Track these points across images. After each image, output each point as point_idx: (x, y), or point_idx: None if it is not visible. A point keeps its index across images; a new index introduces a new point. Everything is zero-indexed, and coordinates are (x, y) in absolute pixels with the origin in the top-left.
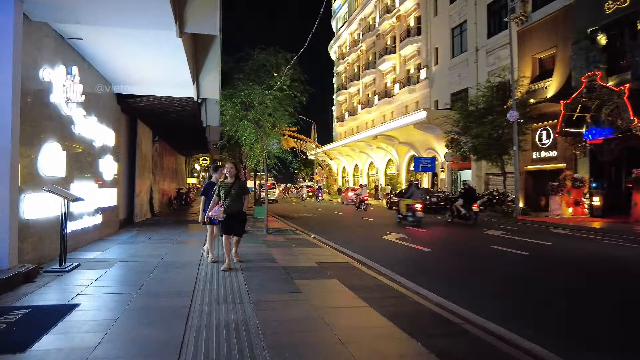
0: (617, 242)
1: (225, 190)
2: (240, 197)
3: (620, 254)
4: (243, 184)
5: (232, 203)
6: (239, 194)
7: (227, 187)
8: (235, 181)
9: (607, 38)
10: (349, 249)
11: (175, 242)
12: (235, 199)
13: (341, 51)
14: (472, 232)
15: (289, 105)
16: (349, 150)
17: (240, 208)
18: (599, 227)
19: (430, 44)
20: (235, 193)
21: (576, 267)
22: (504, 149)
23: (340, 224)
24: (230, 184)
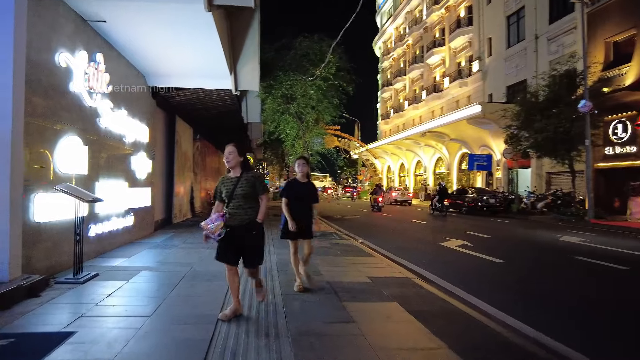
0: None
1: (227, 189)
2: (251, 199)
3: None
4: (256, 177)
5: (236, 210)
6: (249, 194)
7: (231, 184)
8: (243, 174)
9: None
10: (405, 258)
11: (211, 247)
12: (242, 202)
13: (386, 47)
14: (543, 239)
15: (334, 97)
16: (395, 148)
17: (252, 217)
18: None
19: (482, 35)
20: (242, 193)
21: None
22: (572, 145)
23: (389, 227)
24: (236, 179)
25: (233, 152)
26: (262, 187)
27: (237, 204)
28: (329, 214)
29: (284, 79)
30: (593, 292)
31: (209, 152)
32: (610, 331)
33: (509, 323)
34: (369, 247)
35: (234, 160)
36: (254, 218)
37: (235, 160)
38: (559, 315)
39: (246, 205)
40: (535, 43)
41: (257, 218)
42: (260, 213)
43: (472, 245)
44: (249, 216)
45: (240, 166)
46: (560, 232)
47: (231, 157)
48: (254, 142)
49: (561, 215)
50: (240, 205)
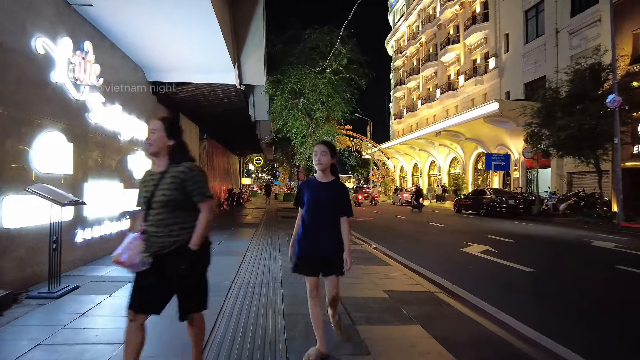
0: None
1: (147, 192)
2: (179, 209)
3: None
4: (188, 172)
5: (154, 228)
6: (176, 201)
7: (152, 184)
8: (170, 168)
9: None
10: (423, 266)
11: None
12: (165, 215)
13: (399, 45)
14: (573, 243)
15: (346, 92)
16: (408, 148)
17: (181, 240)
18: None
19: (499, 30)
20: (162, 199)
21: None
22: (598, 143)
23: (404, 230)
24: (158, 177)
25: (156, 129)
26: (198, 188)
27: (157, 218)
28: None
29: (292, 73)
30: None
31: (217, 152)
32: None
33: (560, 354)
34: (383, 254)
35: (157, 143)
36: (184, 241)
37: (159, 144)
38: (620, 344)
39: (170, 220)
40: (555, 37)
41: (190, 243)
42: (195, 234)
43: (496, 251)
44: (175, 238)
45: (168, 154)
46: (589, 236)
47: (153, 137)
48: (263, 143)
49: (587, 217)
50: (161, 219)
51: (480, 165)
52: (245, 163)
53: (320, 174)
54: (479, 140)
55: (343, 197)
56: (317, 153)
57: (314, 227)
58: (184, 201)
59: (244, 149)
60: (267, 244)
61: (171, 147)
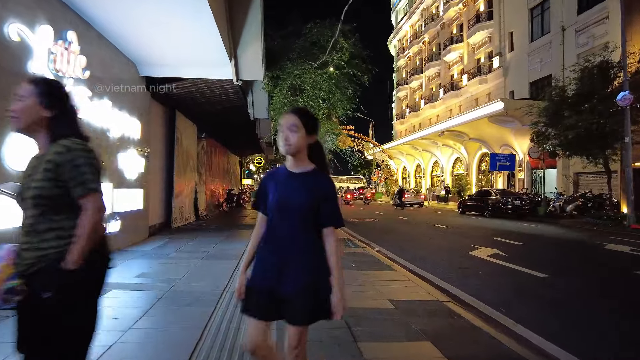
0: None
1: (23, 183)
2: (55, 209)
3: None
4: (66, 152)
5: (24, 237)
6: (50, 196)
7: (26, 173)
8: (51, 148)
9: None
10: (430, 271)
11: (206, 256)
12: (35, 218)
13: (401, 45)
14: (585, 246)
15: (348, 88)
16: (410, 149)
17: (53, 255)
18: None
19: (503, 29)
20: (32, 194)
21: None
22: (607, 142)
23: (408, 232)
24: (33, 165)
25: (25, 95)
26: (78, 177)
27: (27, 223)
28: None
29: (291, 68)
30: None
31: (217, 151)
32: None
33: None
34: (387, 257)
35: (26, 115)
36: (58, 257)
37: (29, 116)
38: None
39: (43, 225)
40: (561, 35)
41: (64, 259)
42: (73, 246)
43: (505, 254)
44: (44, 252)
45: (47, 131)
46: (600, 238)
47: (19, 107)
48: (263, 142)
49: (595, 219)
50: (31, 225)
51: (484, 165)
52: (246, 163)
53: (290, 161)
54: (483, 140)
55: (326, 198)
56: (283, 128)
57: (273, 245)
58: (60, 197)
59: (244, 149)
60: None
61: (50, 121)
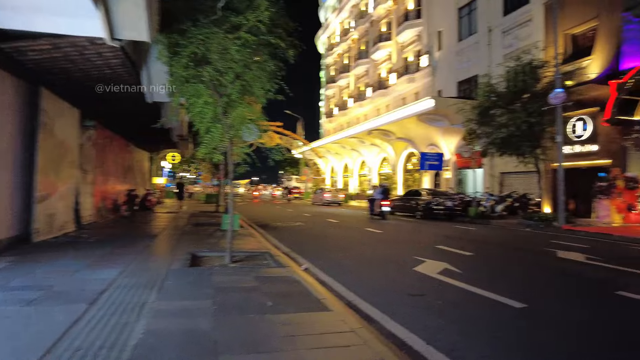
0: None
1: None
2: None
3: None
4: None
5: None
6: None
7: None
8: None
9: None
10: (378, 304)
11: (40, 297)
12: None
13: (330, 42)
14: (539, 257)
15: (268, 62)
16: (339, 147)
17: None
18: None
19: (432, 28)
20: None
21: None
22: (537, 142)
23: (340, 238)
24: None
25: None
26: None
27: None
28: (265, 220)
29: (194, 32)
30: None
31: (113, 144)
32: None
33: None
34: (318, 281)
35: None
36: None
37: None
38: None
39: None
40: (488, 36)
41: None
42: None
43: (458, 270)
44: None
45: None
46: (544, 243)
47: None
48: (174, 134)
49: (528, 220)
50: None
51: (410, 165)
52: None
53: None
54: (410, 139)
55: None
56: None
57: None
58: None
59: (155, 143)
60: (147, 273)
61: None
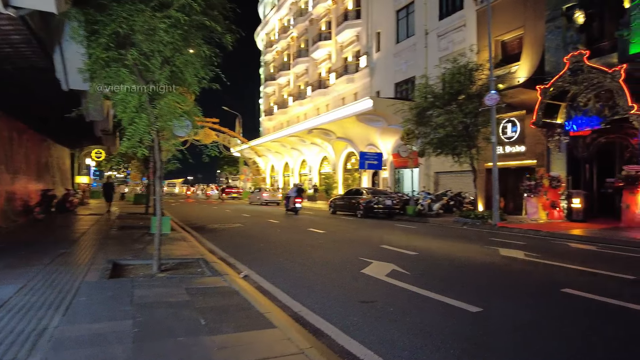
0: None
1: None
2: None
3: None
4: None
5: None
6: None
7: None
8: None
9: (585, 16)
10: (326, 314)
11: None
12: None
13: (269, 39)
14: (481, 255)
15: (202, 47)
16: (279, 146)
17: None
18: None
19: (371, 29)
20: None
21: None
22: (473, 142)
23: (281, 239)
24: None
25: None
26: None
27: None
28: (201, 222)
29: (115, 8)
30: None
31: (23, 139)
32: None
33: None
34: (259, 291)
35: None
36: None
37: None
38: None
39: None
40: (425, 39)
41: None
42: None
43: (405, 271)
44: None
45: None
46: (484, 241)
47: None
48: (97, 128)
49: (464, 218)
50: None
51: (350, 164)
52: (81, 157)
53: None
54: (349, 139)
55: None
56: None
57: None
58: None
59: (77, 139)
60: (54, 289)
61: None
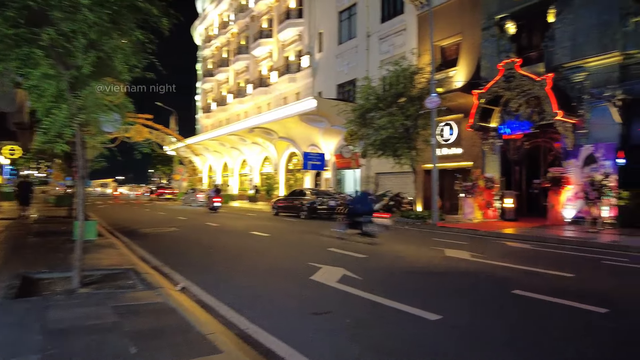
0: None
1: None
2: None
3: None
4: None
5: None
6: None
7: None
8: None
9: (516, 27)
10: (277, 330)
11: None
12: None
13: (207, 34)
14: (426, 256)
15: (134, 30)
16: (218, 145)
17: None
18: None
19: (313, 28)
20: None
21: None
22: (412, 144)
23: (222, 246)
24: None
25: None
26: None
27: None
28: (132, 226)
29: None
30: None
31: None
32: None
33: None
34: (200, 305)
35: None
36: None
37: None
38: None
39: None
40: (367, 41)
41: None
42: None
43: (357, 276)
44: None
45: None
46: (428, 241)
47: None
48: (9, 121)
49: (405, 218)
50: None
51: (292, 165)
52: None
53: None
54: (292, 139)
55: None
56: None
57: None
58: None
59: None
60: None
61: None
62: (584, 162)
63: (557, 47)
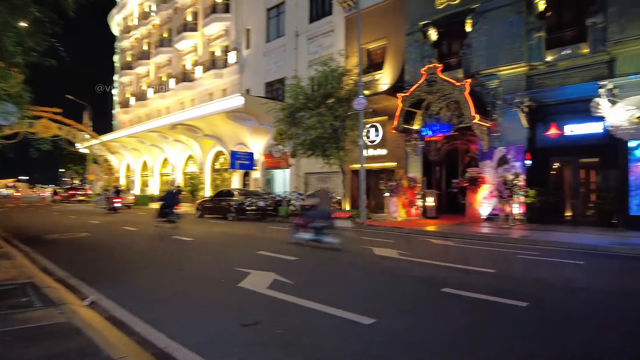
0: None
1: None
2: None
3: None
4: None
5: None
6: None
7: None
8: None
9: (437, 34)
10: (193, 341)
11: None
12: None
13: (126, 24)
14: (356, 255)
15: (32, 8)
16: (137, 142)
17: None
18: (473, 232)
19: (241, 24)
20: None
21: None
22: (340, 144)
23: (140, 252)
24: None
25: None
26: None
27: None
28: (36, 232)
29: None
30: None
31: None
32: None
33: None
34: (111, 322)
35: None
36: None
37: None
38: None
39: None
40: (295, 40)
41: None
42: None
43: (288, 280)
44: None
45: None
46: (357, 241)
47: None
48: None
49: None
50: None
51: (218, 164)
52: None
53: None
54: (218, 137)
55: None
56: None
57: None
58: None
59: None
60: None
61: None
62: (497, 163)
63: (474, 55)
